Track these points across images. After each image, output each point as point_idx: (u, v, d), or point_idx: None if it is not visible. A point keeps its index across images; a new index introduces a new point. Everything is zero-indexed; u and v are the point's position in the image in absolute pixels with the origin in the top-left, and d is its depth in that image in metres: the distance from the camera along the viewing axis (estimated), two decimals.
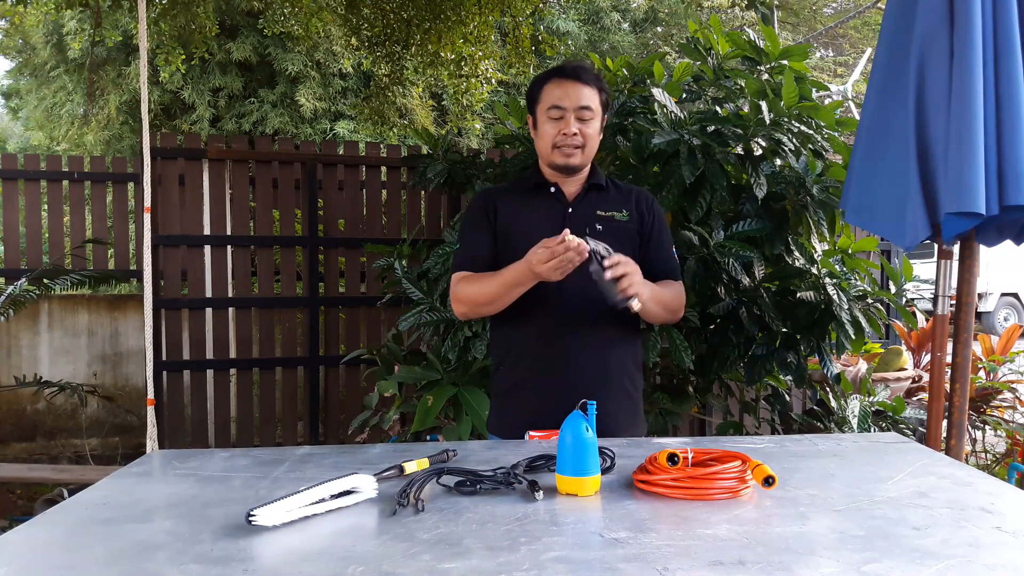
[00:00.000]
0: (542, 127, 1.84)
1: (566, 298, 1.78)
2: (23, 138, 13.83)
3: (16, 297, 3.96)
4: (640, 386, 1.95)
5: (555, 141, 1.81)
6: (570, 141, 1.79)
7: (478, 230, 1.90)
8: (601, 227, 1.81)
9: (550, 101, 1.81)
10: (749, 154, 2.73)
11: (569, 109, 1.79)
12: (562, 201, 1.87)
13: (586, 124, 1.81)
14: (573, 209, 1.86)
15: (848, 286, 2.74)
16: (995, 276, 12.23)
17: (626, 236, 1.84)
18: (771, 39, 2.90)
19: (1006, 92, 1.91)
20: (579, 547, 0.98)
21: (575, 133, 1.79)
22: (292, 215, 4.75)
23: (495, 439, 1.91)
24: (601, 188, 1.90)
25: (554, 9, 11.76)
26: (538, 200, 1.89)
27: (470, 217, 1.96)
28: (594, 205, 1.86)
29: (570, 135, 1.79)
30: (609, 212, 1.85)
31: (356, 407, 4.31)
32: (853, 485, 1.26)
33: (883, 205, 2.17)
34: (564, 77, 1.81)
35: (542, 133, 1.84)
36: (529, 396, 1.83)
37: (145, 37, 3.10)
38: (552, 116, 1.81)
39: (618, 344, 1.86)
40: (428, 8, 5.44)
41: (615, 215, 1.85)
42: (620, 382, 1.86)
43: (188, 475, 1.35)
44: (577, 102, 1.79)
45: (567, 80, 1.80)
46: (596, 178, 1.90)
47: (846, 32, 15.19)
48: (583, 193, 1.88)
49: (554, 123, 1.81)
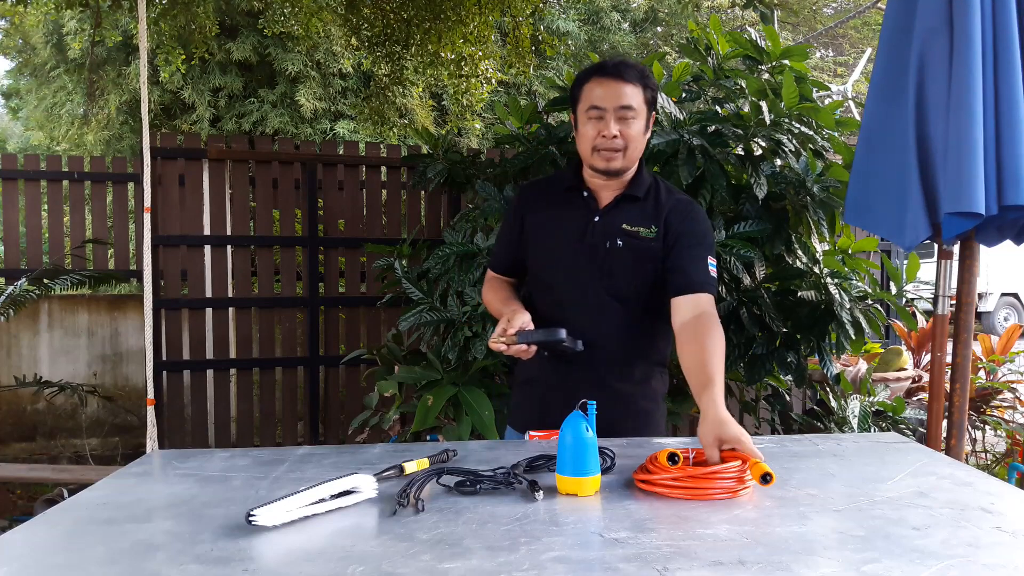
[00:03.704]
0: (582, 128, 1.73)
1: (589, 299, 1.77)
2: (23, 138, 13.83)
3: (16, 297, 3.95)
4: (658, 396, 1.88)
5: (595, 144, 1.70)
6: (610, 144, 1.69)
7: (506, 231, 1.94)
8: (622, 243, 1.74)
9: (590, 101, 1.70)
10: (749, 154, 2.73)
11: (609, 109, 1.68)
12: (591, 208, 1.78)
13: (628, 124, 1.69)
14: (600, 218, 1.77)
15: (849, 286, 2.74)
16: (995, 276, 12.22)
17: (647, 255, 1.75)
18: (772, 38, 2.90)
19: (1006, 92, 1.91)
20: (579, 547, 0.98)
21: (615, 135, 1.68)
22: (292, 215, 4.75)
23: (511, 431, 1.92)
24: (636, 199, 1.78)
25: (554, 9, 11.76)
26: (568, 205, 1.81)
27: (507, 213, 1.97)
28: (622, 218, 1.76)
29: (609, 137, 1.68)
30: (636, 227, 1.76)
31: (356, 407, 4.31)
32: (853, 485, 1.26)
33: (883, 205, 2.17)
34: (605, 75, 1.70)
35: (582, 135, 1.73)
36: (547, 389, 1.81)
37: (145, 37, 3.10)
38: (592, 116, 1.70)
39: (642, 346, 1.83)
40: (428, 8, 5.43)
41: (641, 230, 1.75)
42: (644, 383, 1.83)
43: (188, 475, 1.35)
44: (617, 101, 1.68)
45: (608, 78, 1.69)
46: (635, 187, 1.78)
47: (846, 32, 15.19)
48: (614, 203, 1.78)
49: (594, 124, 1.70)
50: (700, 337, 1.61)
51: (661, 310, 1.78)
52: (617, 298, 1.76)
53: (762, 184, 2.59)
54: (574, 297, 1.76)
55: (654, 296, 1.77)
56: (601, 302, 1.76)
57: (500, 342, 1.62)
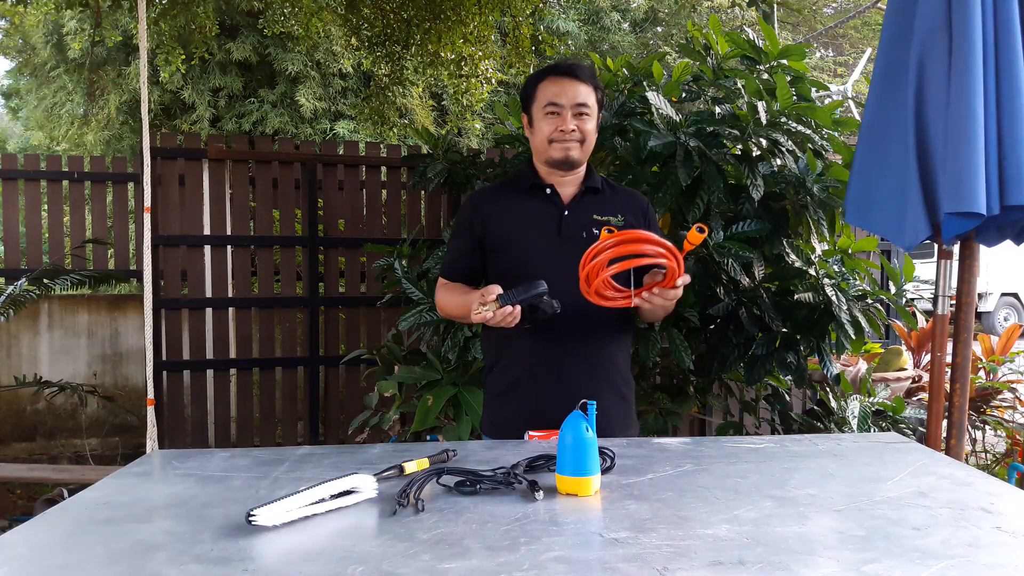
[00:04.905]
0: (538, 124, 1.82)
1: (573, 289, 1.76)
2: (23, 138, 13.82)
3: (16, 297, 3.95)
4: (632, 387, 1.95)
5: (552, 136, 1.79)
6: (568, 136, 1.78)
7: (460, 239, 1.93)
8: (597, 231, 1.79)
9: (546, 99, 1.79)
10: (747, 155, 2.73)
11: (566, 106, 1.77)
12: (558, 204, 1.85)
13: (583, 121, 1.79)
14: (569, 212, 1.84)
15: (847, 286, 2.74)
16: (995, 276, 12.23)
17: None
18: (770, 38, 2.90)
19: (1006, 92, 1.91)
20: (579, 547, 0.98)
21: (573, 129, 1.78)
22: (292, 215, 4.75)
23: (489, 440, 1.91)
24: (597, 191, 1.88)
25: (554, 9, 11.76)
26: (533, 202, 1.87)
27: (457, 223, 1.98)
28: (590, 209, 1.85)
29: (568, 131, 1.78)
30: (605, 216, 1.84)
31: (356, 407, 4.31)
32: (853, 485, 1.26)
33: (883, 205, 2.17)
34: (560, 75, 1.80)
35: (538, 130, 1.82)
36: (523, 397, 1.83)
37: (145, 37, 3.10)
38: (549, 112, 1.79)
39: (610, 345, 1.87)
40: (428, 8, 5.44)
41: (611, 219, 1.84)
42: (613, 382, 1.86)
43: (188, 475, 1.35)
44: (574, 99, 1.78)
45: (563, 77, 1.79)
46: (592, 180, 1.89)
47: (846, 32, 15.19)
48: (579, 196, 1.86)
49: (551, 120, 1.79)
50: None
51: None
52: None
53: (759, 184, 2.60)
54: (557, 289, 1.75)
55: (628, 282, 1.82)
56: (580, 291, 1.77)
57: (483, 311, 1.62)
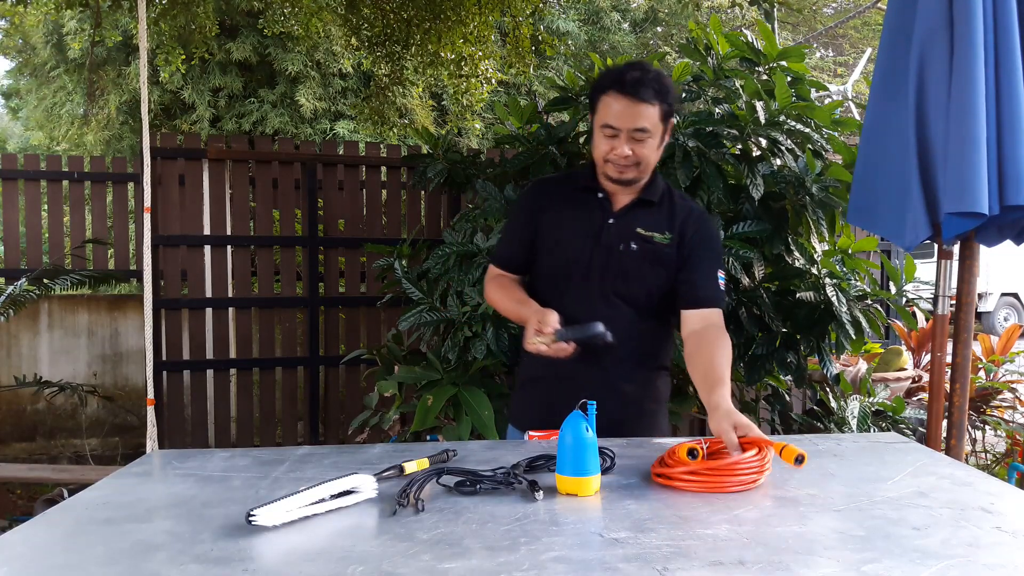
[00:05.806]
0: (596, 138, 1.73)
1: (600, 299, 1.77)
2: (23, 138, 13.82)
3: (16, 297, 3.95)
4: (665, 392, 1.90)
5: (607, 157, 1.71)
6: (622, 161, 1.69)
7: (518, 228, 1.90)
8: (636, 246, 1.75)
9: (604, 117, 1.68)
10: (746, 155, 2.73)
11: (623, 131, 1.67)
12: (606, 211, 1.79)
13: (642, 144, 1.68)
14: (614, 221, 1.78)
15: (848, 286, 2.74)
16: (995, 276, 12.22)
17: (660, 260, 1.76)
18: (768, 40, 2.89)
19: (1007, 91, 1.91)
20: (579, 547, 0.99)
21: (628, 154, 1.68)
22: (292, 215, 4.75)
23: (513, 431, 1.92)
24: (650, 204, 1.79)
25: (554, 9, 11.75)
26: (583, 205, 1.81)
27: (517, 209, 1.95)
28: (636, 222, 1.77)
29: (621, 156, 1.68)
30: (650, 232, 1.76)
31: (356, 407, 4.31)
32: (853, 485, 1.26)
33: (884, 205, 2.17)
34: (622, 92, 1.66)
35: (596, 144, 1.73)
36: (551, 388, 1.80)
37: (145, 37, 3.10)
38: (606, 134, 1.69)
39: (649, 348, 1.84)
40: (428, 8, 5.43)
41: (656, 235, 1.76)
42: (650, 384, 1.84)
43: (188, 475, 1.35)
44: (632, 124, 1.66)
45: (625, 96, 1.65)
46: (650, 192, 1.79)
47: (846, 32, 15.19)
48: (629, 206, 1.79)
49: (607, 140, 1.70)
50: (709, 345, 1.67)
51: (669, 314, 1.83)
52: (628, 300, 1.77)
53: (758, 184, 2.60)
54: (585, 296, 1.76)
55: (664, 300, 1.80)
56: (612, 303, 1.76)
57: (539, 343, 1.60)
